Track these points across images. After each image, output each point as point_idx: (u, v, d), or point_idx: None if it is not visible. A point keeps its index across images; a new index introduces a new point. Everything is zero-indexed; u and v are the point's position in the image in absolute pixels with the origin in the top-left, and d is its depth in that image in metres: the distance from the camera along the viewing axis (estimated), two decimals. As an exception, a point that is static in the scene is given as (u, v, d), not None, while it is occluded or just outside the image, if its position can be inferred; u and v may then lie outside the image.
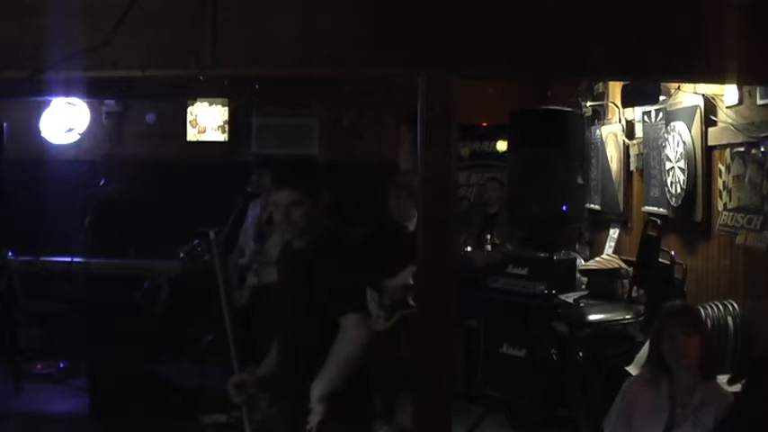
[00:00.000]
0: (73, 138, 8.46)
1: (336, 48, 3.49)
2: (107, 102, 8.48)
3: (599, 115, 7.08)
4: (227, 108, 8.60)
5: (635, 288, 5.53)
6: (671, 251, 5.25)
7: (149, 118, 8.59)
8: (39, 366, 7.14)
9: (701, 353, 3.36)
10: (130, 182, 7.87)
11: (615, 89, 6.35)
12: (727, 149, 4.72)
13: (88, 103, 8.44)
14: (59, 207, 7.73)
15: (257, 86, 8.02)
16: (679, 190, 5.20)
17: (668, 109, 5.39)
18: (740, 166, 4.56)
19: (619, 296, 5.75)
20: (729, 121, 4.65)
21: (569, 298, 5.86)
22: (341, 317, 3.16)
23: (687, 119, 5.09)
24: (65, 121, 8.41)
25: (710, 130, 4.88)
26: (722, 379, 3.55)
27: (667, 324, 3.44)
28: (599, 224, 7.06)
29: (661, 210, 5.55)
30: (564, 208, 5.53)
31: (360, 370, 3.23)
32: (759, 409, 2.65)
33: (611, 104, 6.71)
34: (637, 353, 4.53)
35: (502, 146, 8.02)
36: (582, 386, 5.22)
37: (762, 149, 4.27)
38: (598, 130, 6.96)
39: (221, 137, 8.61)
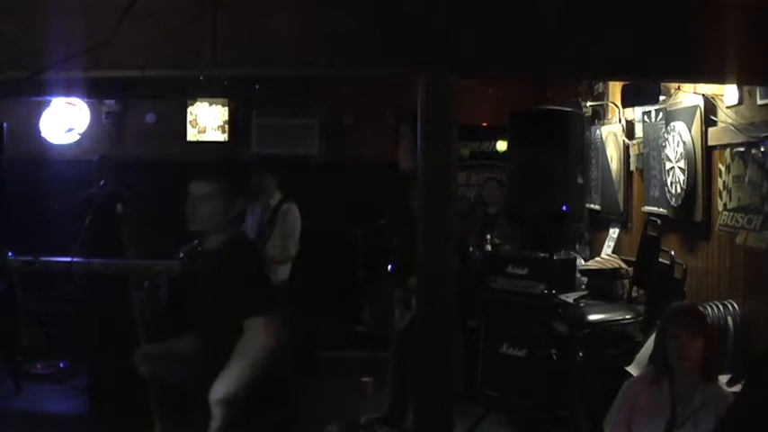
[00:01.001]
0: (73, 138, 8.45)
1: (336, 48, 3.49)
2: (107, 102, 8.47)
3: (599, 115, 7.08)
4: (227, 108, 8.60)
5: (635, 288, 5.53)
6: (671, 251, 5.25)
7: (149, 118, 8.59)
8: (39, 366, 7.13)
9: (703, 355, 3.35)
10: (125, 181, 7.84)
11: (615, 89, 6.35)
12: (727, 149, 4.72)
13: (88, 103, 8.43)
14: (59, 207, 7.72)
15: (257, 86, 8.02)
16: (679, 190, 5.20)
17: (668, 109, 5.39)
18: (740, 166, 4.56)
19: (619, 296, 5.76)
20: (729, 121, 4.65)
21: (569, 298, 5.86)
22: (245, 320, 3.05)
23: (687, 119, 5.09)
24: (65, 121, 8.40)
25: (710, 130, 4.88)
26: (723, 379, 3.55)
27: (671, 324, 3.44)
28: (599, 224, 7.06)
29: (661, 210, 5.55)
30: (564, 208, 5.52)
31: (270, 374, 3.11)
32: (759, 409, 2.64)
33: (611, 104, 6.71)
34: (637, 353, 4.53)
35: (502, 146, 8.03)
36: (582, 386, 5.22)
37: (762, 149, 4.27)
38: (598, 130, 6.96)
39: (221, 137, 8.61)
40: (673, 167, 5.28)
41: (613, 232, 6.65)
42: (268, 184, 6.66)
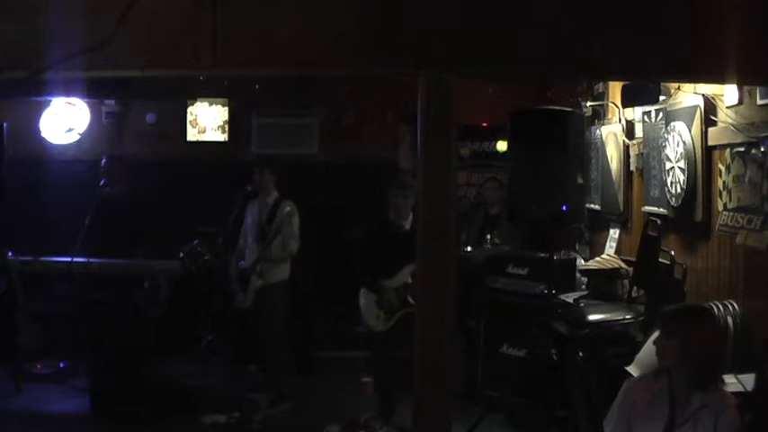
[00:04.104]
0: (73, 138, 8.45)
1: (336, 48, 3.49)
2: (107, 102, 8.47)
3: (599, 115, 7.08)
4: (227, 108, 8.59)
5: (635, 288, 5.53)
6: (671, 251, 5.25)
7: (149, 118, 8.58)
8: (39, 366, 7.14)
9: (678, 357, 3.29)
10: (131, 182, 7.85)
11: (615, 89, 6.35)
12: (727, 149, 4.73)
13: (88, 103, 8.43)
14: (59, 207, 7.72)
15: (257, 86, 8.02)
16: (679, 190, 5.20)
17: (668, 109, 5.39)
18: (740, 166, 4.56)
19: (619, 296, 5.76)
20: (729, 121, 4.65)
21: (569, 298, 5.86)
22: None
23: (687, 119, 5.09)
24: (65, 121, 8.40)
25: (710, 130, 4.88)
26: (727, 379, 3.54)
27: (658, 324, 3.46)
28: (599, 224, 7.07)
29: (661, 210, 5.55)
30: (564, 208, 5.52)
31: None
32: None
33: (611, 104, 6.71)
34: (637, 353, 4.53)
35: (502, 146, 8.03)
36: (582, 386, 5.22)
37: (762, 149, 4.27)
38: (598, 130, 6.96)
39: (221, 137, 8.61)
40: (673, 167, 5.28)
41: (614, 232, 6.65)
42: (268, 181, 6.66)
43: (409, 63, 3.49)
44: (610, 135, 6.69)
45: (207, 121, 8.61)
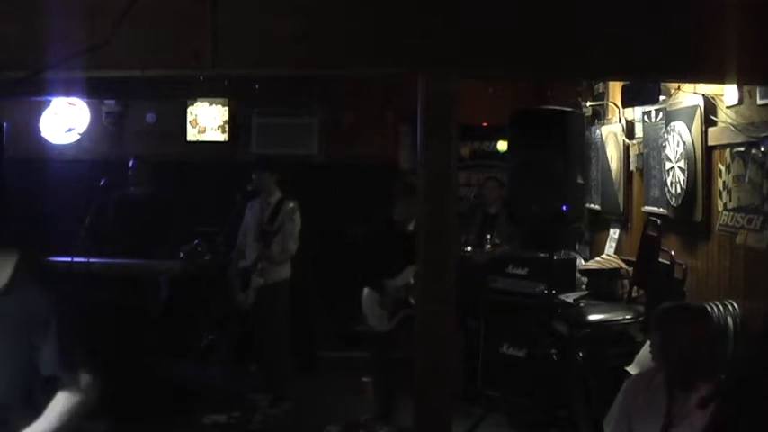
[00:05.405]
0: (73, 138, 8.45)
1: (336, 48, 3.49)
2: (107, 102, 8.47)
3: (599, 115, 7.08)
4: (227, 108, 8.60)
5: (635, 288, 5.53)
6: (671, 251, 5.25)
7: (149, 118, 8.59)
8: (39, 366, 7.12)
9: (664, 354, 3.28)
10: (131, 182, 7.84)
11: (615, 89, 6.35)
12: (727, 149, 4.73)
13: (88, 103, 8.43)
14: (59, 207, 7.71)
15: (257, 86, 8.02)
16: (679, 190, 5.20)
17: (668, 109, 5.39)
18: (740, 166, 4.56)
19: (619, 296, 5.76)
20: (729, 121, 4.65)
21: (569, 298, 5.87)
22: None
23: (687, 119, 5.09)
24: (65, 121, 8.40)
25: (710, 130, 4.88)
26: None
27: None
28: (599, 224, 7.07)
29: (661, 210, 5.55)
30: (564, 208, 5.52)
31: None
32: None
33: (611, 104, 6.71)
34: (637, 353, 4.53)
35: (502, 146, 8.03)
36: (582, 386, 5.22)
37: (762, 149, 4.27)
38: (598, 130, 6.96)
39: (221, 137, 8.61)
40: (673, 167, 5.28)
41: (614, 232, 6.65)
42: (268, 182, 6.66)
43: (409, 63, 3.49)
44: (610, 135, 6.69)
45: (207, 121, 8.61)
